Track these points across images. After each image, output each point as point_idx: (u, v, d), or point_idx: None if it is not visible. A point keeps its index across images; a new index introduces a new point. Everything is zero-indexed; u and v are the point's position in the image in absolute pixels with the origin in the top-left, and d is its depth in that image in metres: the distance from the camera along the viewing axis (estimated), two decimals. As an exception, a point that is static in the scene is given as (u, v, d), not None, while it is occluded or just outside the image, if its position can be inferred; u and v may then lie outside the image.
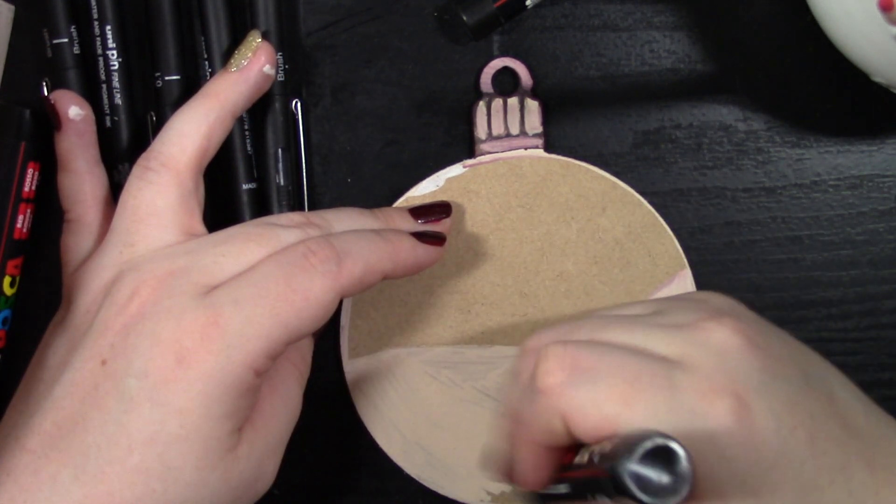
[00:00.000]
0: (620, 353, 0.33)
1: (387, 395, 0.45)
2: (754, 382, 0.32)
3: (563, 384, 0.33)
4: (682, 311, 0.35)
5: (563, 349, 0.33)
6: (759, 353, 0.33)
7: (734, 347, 0.33)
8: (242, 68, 0.41)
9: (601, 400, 0.32)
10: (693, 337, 0.33)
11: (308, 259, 0.37)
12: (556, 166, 0.45)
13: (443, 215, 0.43)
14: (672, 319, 0.35)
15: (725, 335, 0.33)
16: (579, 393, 0.32)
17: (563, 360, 0.33)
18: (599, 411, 0.32)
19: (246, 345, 0.35)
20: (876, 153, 0.46)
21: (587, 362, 0.33)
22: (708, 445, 0.31)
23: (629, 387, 0.32)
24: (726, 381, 0.32)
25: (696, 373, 0.32)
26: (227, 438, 0.36)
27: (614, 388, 0.32)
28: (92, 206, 0.42)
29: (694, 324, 0.34)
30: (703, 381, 0.32)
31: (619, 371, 0.32)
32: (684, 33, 0.46)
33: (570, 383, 0.33)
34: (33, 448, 0.35)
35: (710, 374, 0.32)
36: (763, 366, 0.33)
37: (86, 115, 0.43)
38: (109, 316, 0.37)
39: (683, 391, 0.32)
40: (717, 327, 0.33)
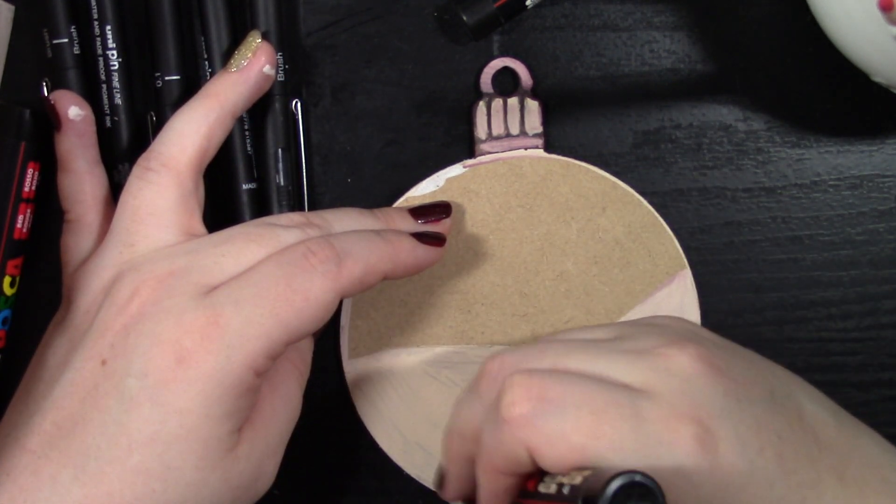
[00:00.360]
0: (586, 384, 0.33)
1: (387, 395, 0.45)
2: (717, 408, 0.32)
3: (530, 415, 0.33)
4: (643, 337, 0.35)
5: (528, 379, 0.33)
6: (721, 378, 0.33)
7: (696, 373, 0.33)
8: (242, 69, 0.41)
9: (568, 431, 0.32)
10: (656, 363, 0.33)
11: (308, 259, 0.37)
12: (556, 166, 0.45)
13: (443, 215, 0.43)
14: (634, 345, 0.35)
15: (688, 361, 0.33)
16: (546, 424, 0.32)
17: (528, 391, 0.33)
18: (567, 443, 0.32)
19: (246, 345, 0.35)
20: (876, 153, 0.46)
21: (553, 393, 0.33)
22: (675, 474, 0.31)
23: (596, 418, 0.32)
24: (689, 408, 0.32)
25: (660, 401, 0.32)
26: (227, 438, 0.36)
27: (581, 419, 0.32)
28: (92, 207, 0.42)
29: (656, 350, 0.34)
30: (667, 409, 0.32)
31: (585, 402, 0.32)
32: (684, 33, 0.46)
33: (536, 414, 0.32)
34: (33, 448, 0.35)
35: (674, 401, 0.32)
36: (726, 390, 0.33)
37: (86, 115, 0.43)
38: (109, 316, 0.37)
39: (648, 421, 0.32)
40: (679, 353, 0.33)
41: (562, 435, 0.32)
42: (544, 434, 0.32)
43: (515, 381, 0.33)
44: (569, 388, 0.33)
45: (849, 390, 0.45)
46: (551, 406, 0.32)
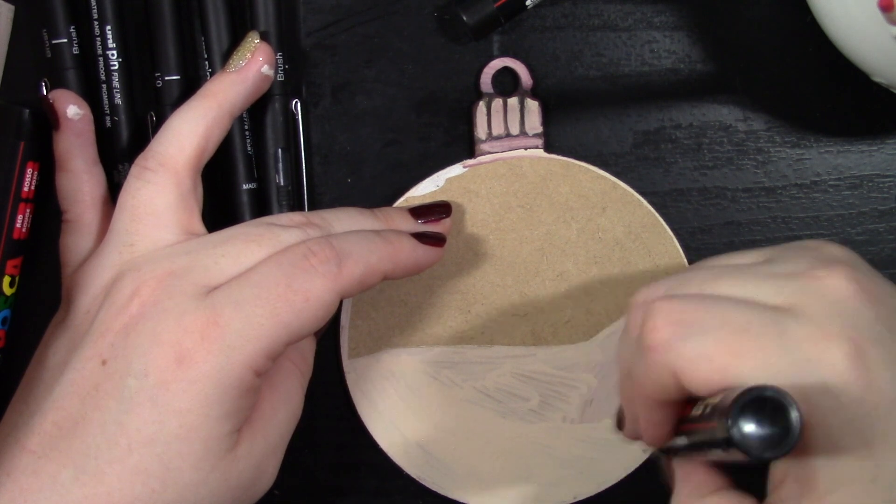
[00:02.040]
0: (728, 305, 0.32)
1: (387, 395, 0.45)
2: (870, 331, 0.31)
3: (671, 339, 0.32)
4: (793, 260, 0.34)
5: (669, 304, 0.33)
6: (874, 304, 0.32)
7: (849, 296, 0.32)
8: (240, 69, 0.41)
9: (710, 353, 0.31)
10: (805, 285, 0.32)
11: (308, 260, 0.37)
12: (556, 166, 0.45)
13: (443, 215, 0.43)
14: (783, 268, 0.34)
15: (840, 283, 0.32)
16: (687, 347, 0.32)
17: (669, 315, 0.33)
18: (710, 364, 0.31)
19: (246, 345, 0.35)
20: (876, 153, 0.46)
21: (694, 316, 0.32)
22: (822, 393, 0.30)
23: (738, 338, 0.31)
24: (841, 328, 0.31)
25: (809, 320, 0.31)
26: (227, 439, 0.36)
27: (723, 340, 0.31)
28: (90, 207, 0.42)
29: (806, 272, 0.33)
30: (817, 329, 0.31)
31: (727, 323, 0.32)
32: (684, 33, 0.46)
33: (677, 338, 0.32)
34: (33, 448, 0.35)
35: (824, 321, 0.31)
36: (878, 316, 0.32)
37: (84, 114, 0.43)
38: (109, 316, 0.37)
39: (795, 339, 0.31)
40: (831, 275, 0.32)
41: (704, 356, 0.31)
42: (686, 357, 0.32)
43: (657, 307, 0.33)
44: (710, 310, 0.32)
45: (849, 390, 0.45)
46: (693, 328, 0.32)
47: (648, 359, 0.33)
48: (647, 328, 0.33)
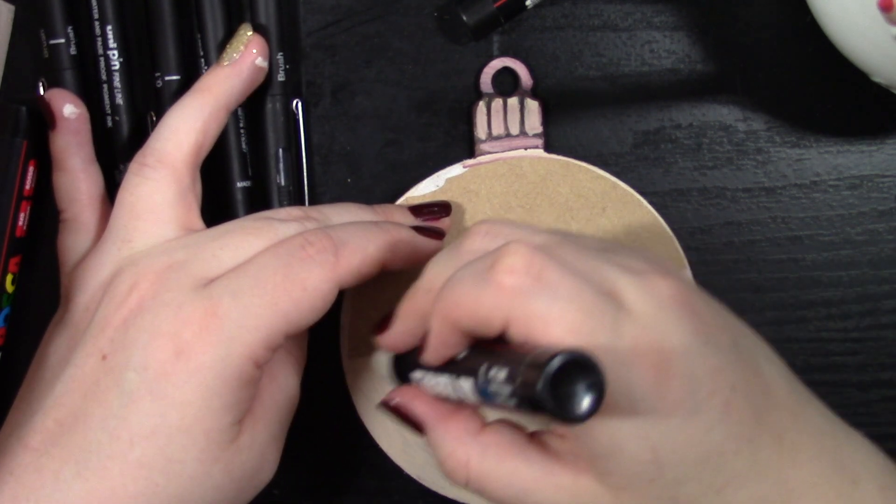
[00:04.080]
0: (580, 279, 0.32)
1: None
2: (683, 345, 0.32)
3: (523, 289, 0.32)
4: (631, 257, 0.35)
5: (531, 253, 0.33)
6: (693, 318, 0.33)
7: (673, 306, 0.33)
8: (234, 62, 0.41)
9: (553, 319, 0.31)
10: (642, 285, 0.33)
11: (305, 250, 0.37)
12: (556, 166, 0.45)
13: (442, 214, 0.43)
14: (622, 261, 0.34)
15: (670, 293, 0.33)
16: (535, 304, 0.32)
17: (530, 264, 0.32)
18: (546, 328, 0.31)
19: (245, 336, 0.35)
20: (876, 153, 0.46)
21: (552, 276, 0.32)
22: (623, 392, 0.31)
23: (581, 317, 0.31)
24: (658, 339, 0.32)
25: (637, 323, 0.32)
26: (229, 430, 0.36)
27: (568, 312, 0.31)
28: (87, 206, 0.42)
29: (643, 272, 0.34)
30: (640, 333, 0.32)
31: (577, 297, 0.32)
32: (684, 33, 0.46)
33: (530, 290, 0.32)
34: (35, 446, 0.35)
35: (647, 326, 0.32)
36: (696, 330, 0.33)
37: (80, 113, 0.43)
38: (109, 311, 0.37)
39: (622, 337, 0.32)
40: (664, 283, 0.33)
41: (544, 319, 0.31)
42: (528, 312, 0.32)
43: (518, 250, 0.33)
44: (566, 277, 0.32)
45: (849, 390, 0.46)
46: (546, 289, 0.32)
47: (488, 293, 0.32)
48: (504, 266, 0.32)
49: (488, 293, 0.33)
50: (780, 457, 0.33)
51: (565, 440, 0.34)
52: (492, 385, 0.31)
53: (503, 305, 0.32)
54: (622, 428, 0.32)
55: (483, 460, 0.35)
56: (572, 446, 0.34)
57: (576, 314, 0.31)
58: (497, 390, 0.31)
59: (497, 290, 0.32)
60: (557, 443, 0.34)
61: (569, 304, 0.32)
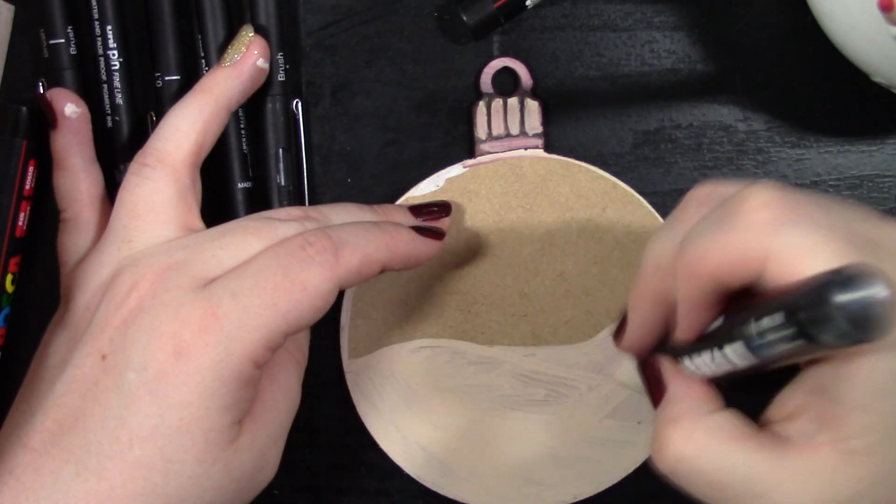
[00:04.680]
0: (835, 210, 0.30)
1: (387, 395, 0.45)
2: None
3: (779, 220, 0.30)
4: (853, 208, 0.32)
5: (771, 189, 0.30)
6: None
7: None
8: (236, 62, 0.41)
9: (819, 247, 0.29)
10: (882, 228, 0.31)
11: (305, 250, 0.37)
12: (556, 166, 0.45)
13: (442, 214, 0.43)
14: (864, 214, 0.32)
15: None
16: (794, 235, 0.30)
17: (783, 198, 0.30)
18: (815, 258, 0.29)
19: (245, 336, 0.35)
20: (876, 153, 0.46)
21: (808, 209, 0.30)
22: None
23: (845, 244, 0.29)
24: None
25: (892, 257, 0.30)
26: (228, 430, 0.36)
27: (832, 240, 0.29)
28: (88, 205, 0.42)
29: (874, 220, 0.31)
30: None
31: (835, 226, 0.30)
32: (684, 33, 0.46)
33: (786, 222, 0.30)
34: (35, 446, 0.35)
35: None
36: None
37: (81, 112, 0.43)
38: (108, 311, 0.37)
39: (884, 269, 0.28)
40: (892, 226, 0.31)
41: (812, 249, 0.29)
42: (792, 242, 0.29)
43: (761, 189, 0.30)
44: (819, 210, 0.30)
45: (849, 390, 0.45)
46: (804, 219, 0.30)
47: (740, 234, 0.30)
48: (753, 203, 0.30)
49: (741, 232, 0.30)
50: None
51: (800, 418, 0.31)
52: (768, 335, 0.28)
53: (762, 240, 0.30)
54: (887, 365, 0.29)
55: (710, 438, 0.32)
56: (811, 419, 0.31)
57: (840, 242, 0.29)
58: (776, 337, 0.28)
59: (752, 227, 0.30)
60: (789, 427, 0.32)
61: (831, 231, 0.29)
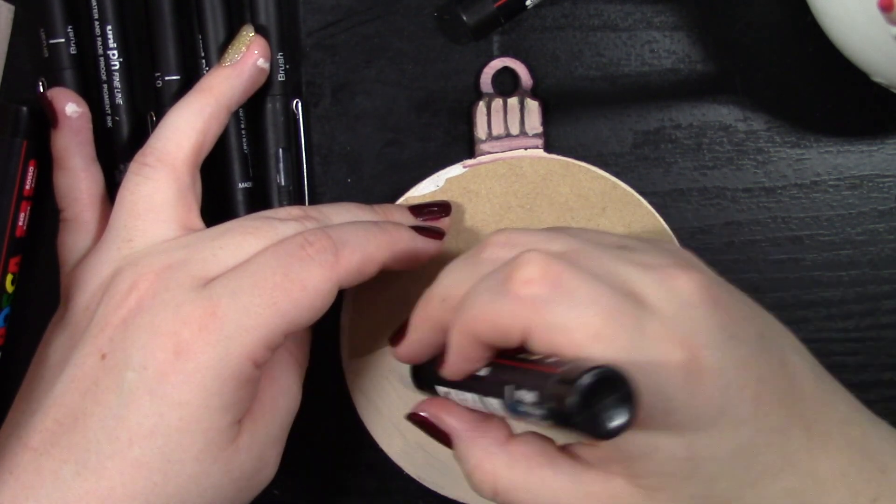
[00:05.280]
0: (598, 283, 0.32)
1: (387, 395, 0.45)
2: (711, 339, 0.32)
3: (541, 298, 0.32)
4: (651, 253, 0.35)
5: (546, 261, 0.32)
6: (718, 311, 0.33)
7: (697, 301, 0.33)
8: (236, 62, 0.41)
9: (574, 326, 0.31)
10: (662, 281, 0.33)
11: (305, 249, 0.37)
12: (556, 166, 0.45)
13: (442, 214, 0.43)
14: (642, 258, 0.34)
15: (691, 287, 0.33)
16: (553, 312, 0.31)
17: (546, 273, 0.32)
18: (568, 336, 0.31)
19: (244, 336, 0.35)
20: (876, 153, 0.46)
21: (569, 283, 0.32)
22: (654, 392, 0.31)
23: (602, 321, 0.31)
24: (685, 334, 0.32)
25: (661, 320, 0.32)
26: (228, 430, 0.36)
27: (588, 318, 0.31)
28: (88, 205, 0.42)
29: (664, 268, 0.33)
30: (666, 330, 0.32)
31: (595, 301, 0.32)
32: (684, 33, 0.46)
33: (548, 300, 0.32)
34: (35, 445, 0.35)
35: (673, 323, 0.32)
36: (721, 324, 0.33)
37: (82, 112, 0.43)
38: (108, 311, 0.37)
39: (647, 336, 0.31)
40: (685, 278, 0.33)
41: (565, 327, 0.31)
42: (549, 321, 0.31)
43: (534, 259, 0.32)
44: (584, 283, 0.32)
45: (849, 390, 0.45)
46: (564, 296, 0.32)
47: (506, 305, 0.32)
48: (521, 277, 0.32)
49: (507, 305, 0.32)
50: (809, 447, 0.33)
51: (596, 448, 0.34)
52: (521, 406, 0.31)
53: (522, 316, 0.32)
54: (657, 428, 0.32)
55: (511, 471, 0.35)
56: (604, 452, 0.33)
57: (597, 318, 0.31)
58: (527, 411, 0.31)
59: (515, 302, 0.32)
60: (588, 451, 0.34)
61: (589, 310, 0.31)
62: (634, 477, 0.33)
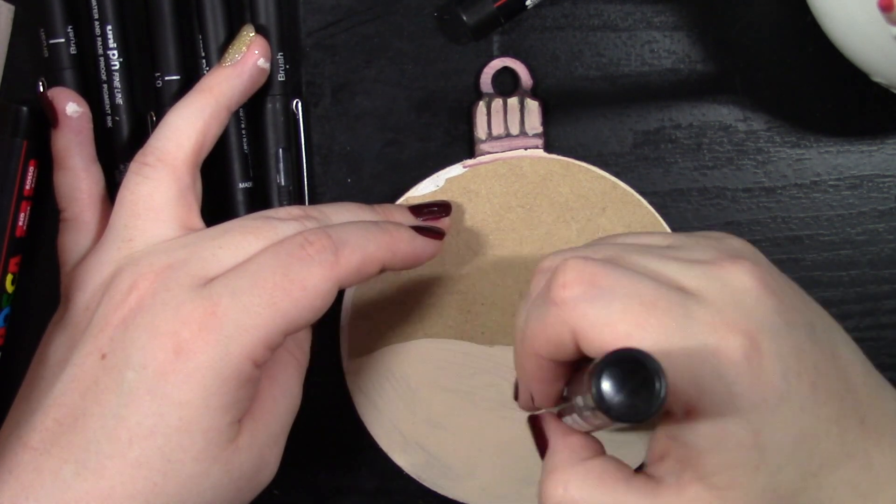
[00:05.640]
0: (639, 277, 0.32)
1: (387, 395, 0.45)
2: (767, 325, 0.32)
3: (579, 298, 0.32)
4: (699, 248, 0.35)
5: (582, 263, 0.33)
6: (773, 298, 0.33)
7: (750, 289, 0.33)
8: (236, 62, 0.41)
9: (615, 319, 0.31)
10: (710, 273, 0.33)
11: (305, 249, 0.37)
12: (556, 166, 0.45)
13: (442, 214, 0.43)
14: (690, 254, 0.34)
15: (743, 276, 0.33)
16: (594, 309, 0.32)
17: (581, 275, 0.32)
18: (612, 330, 0.31)
19: (244, 335, 0.35)
20: (876, 153, 0.46)
21: (605, 280, 0.32)
22: (716, 379, 0.31)
23: (644, 310, 0.31)
24: (740, 319, 0.32)
25: (711, 307, 0.32)
26: (227, 430, 0.36)
27: (629, 309, 0.31)
28: (88, 205, 0.42)
29: (712, 261, 0.33)
30: (717, 316, 0.32)
31: (636, 293, 0.32)
32: (684, 33, 0.46)
33: (585, 298, 0.32)
34: (35, 445, 0.35)
35: (725, 310, 0.32)
36: (776, 310, 0.32)
37: (83, 112, 0.43)
38: (108, 311, 0.37)
39: (697, 322, 0.31)
40: (735, 267, 0.33)
41: (608, 321, 0.31)
42: (591, 319, 0.32)
43: (569, 265, 0.33)
44: (621, 278, 0.32)
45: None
46: (602, 292, 0.32)
47: (550, 313, 0.33)
48: (557, 283, 0.33)
49: (551, 314, 0.33)
50: (865, 440, 0.33)
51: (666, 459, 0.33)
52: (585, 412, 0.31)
53: (567, 321, 0.32)
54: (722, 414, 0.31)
55: (582, 483, 0.34)
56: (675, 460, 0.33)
57: (639, 308, 0.31)
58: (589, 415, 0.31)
59: (557, 309, 0.33)
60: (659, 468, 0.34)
61: (629, 300, 0.32)
62: (706, 477, 0.32)
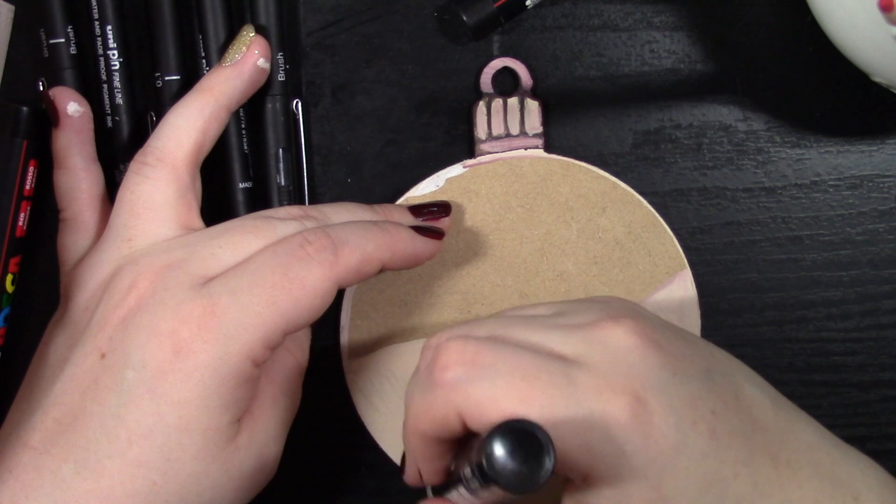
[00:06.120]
0: (519, 351, 0.33)
1: (387, 395, 0.45)
2: (652, 380, 0.32)
3: (461, 379, 0.33)
4: (582, 313, 0.35)
5: (462, 344, 0.33)
6: (658, 352, 0.33)
7: (633, 346, 0.33)
8: (236, 62, 0.41)
9: (499, 396, 0.32)
10: (591, 336, 0.33)
11: (304, 248, 0.37)
12: (556, 166, 0.45)
13: (442, 214, 0.43)
14: (572, 320, 0.35)
15: (624, 335, 0.33)
16: (477, 389, 0.32)
17: (462, 355, 0.33)
18: (497, 407, 0.32)
19: (243, 335, 0.35)
20: (876, 153, 0.46)
21: (487, 358, 0.33)
22: (605, 443, 0.31)
23: (527, 384, 0.32)
24: (623, 380, 0.32)
25: (594, 371, 0.32)
26: (227, 429, 0.36)
27: (512, 384, 0.32)
28: (88, 205, 0.42)
29: (592, 324, 0.34)
30: (601, 379, 0.32)
31: (517, 368, 0.32)
32: (684, 33, 0.46)
33: (468, 378, 0.32)
34: (34, 445, 0.35)
35: (608, 372, 0.32)
36: (662, 363, 0.33)
37: (84, 112, 0.43)
38: (108, 310, 0.37)
39: (581, 389, 0.32)
40: (616, 327, 0.33)
41: (492, 399, 0.32)
42: (475, 398, 0.32)
43: (450, 346, 0.33)
44: (502, 354, 0.33)
45: (849, 390, 0.45)
46: (483, 371, 0.32)
47: (434, 395, 0.33)
48: (438, 366, 0.33)
49: (435, 396, 0.33)
50: (778, 477, 0.33)
51: None
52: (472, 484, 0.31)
53: (451, 402, 0.33)
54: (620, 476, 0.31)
55: None
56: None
57: (521, 382, 0.32)
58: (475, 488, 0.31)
59: (440, 390, 0.33)
60: None
61: (510, 377, 0.32)
62: None
